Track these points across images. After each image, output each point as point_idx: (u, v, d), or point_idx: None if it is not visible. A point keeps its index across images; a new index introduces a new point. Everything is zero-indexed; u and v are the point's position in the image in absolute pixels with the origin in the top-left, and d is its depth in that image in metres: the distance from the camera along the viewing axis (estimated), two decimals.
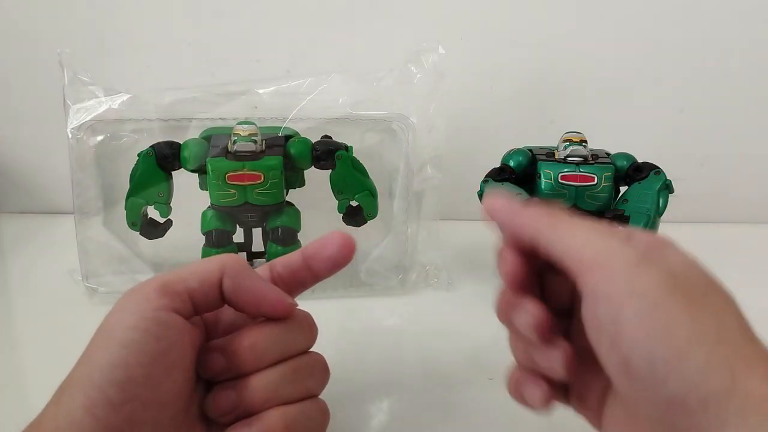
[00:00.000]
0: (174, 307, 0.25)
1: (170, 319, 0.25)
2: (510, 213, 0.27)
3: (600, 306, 0.22)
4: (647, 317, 0.21)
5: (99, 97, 0.47)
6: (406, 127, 0.50)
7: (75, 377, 0.24)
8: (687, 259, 0.24)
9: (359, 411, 0.36)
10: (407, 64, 0.51)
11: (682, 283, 0.22)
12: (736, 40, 0.63)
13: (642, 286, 0.21)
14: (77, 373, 0.24)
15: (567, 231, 0.25)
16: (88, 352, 0.24)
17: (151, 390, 0.24)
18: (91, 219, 0.49)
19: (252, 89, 0.49)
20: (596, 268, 0.23)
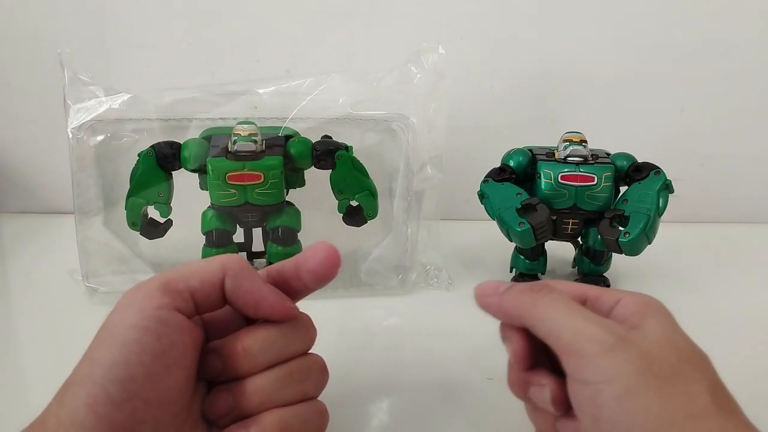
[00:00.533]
0: (176, 306, 0.25)
1: (172, 317, 0.25)
2: (495, 300, 0.29)
3: (579, 389, 0.24)
4: (621, 402, 0.23)
5: (99, 97, 0.47)
6: (406, 127, 0.50)
7: (77, 375, 0.24)
8: (666, 332, 0.25)
9: (359, 411, 0.36)
10: (407, 64, 0.51)
11: (656, 364, 0.23)
12: (736, 40, 0.63)
13: (615, 373, 0.23)
14: (80, 371, 0.24)
15: (546, 312, 0.26)
16: (91, 351, 0.24)
17: (153, 388, 0.24)
18: (91, 219, 0.49)
19: (252, 89, 0.49)
20: (573, 354, 0.24)
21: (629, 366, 0.23)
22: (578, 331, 0.25)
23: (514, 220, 0.47)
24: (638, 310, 0.26)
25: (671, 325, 0.25)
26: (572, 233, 0.51)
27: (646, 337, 0.24)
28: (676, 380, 0.23)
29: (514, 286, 0.28)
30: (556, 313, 0.26)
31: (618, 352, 0.23)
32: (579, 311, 0.26)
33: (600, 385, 0.23)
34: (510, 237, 0.48)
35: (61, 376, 0.25)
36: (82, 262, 0.49)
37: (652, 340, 0.24)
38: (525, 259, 0.52)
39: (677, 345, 0.24)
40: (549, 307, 0.26)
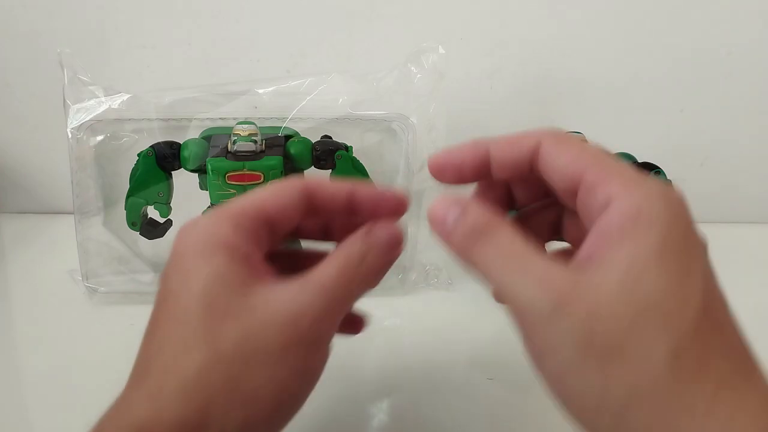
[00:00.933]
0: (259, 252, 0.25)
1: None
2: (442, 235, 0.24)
3: (525, 347, 0.22)
4: (559, 379, 0.21)
5: (99, 97, 0.47)
6: (406, 127, 0.50)
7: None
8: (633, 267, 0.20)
9: (359, 411, 0.36)
10: (407, 64, 0.51)
11: (599, 330, 0.19)
12: (736, 40, 0.63)
13: (553, 346, 0.20)
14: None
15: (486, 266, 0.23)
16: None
17: None
18: (91, 219, 0.49)
19: (252, 89, 0.49)
20: (515, 316, 0.22)
21: (568, 337, 0.20)
22: (516, 293, 0.21)
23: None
24: (621, 226, 0.20)
25: (649, 254, 0.20)
26: None
27: (599, 286, 0.20)
28: (624, 349, 0.19)
29: (462, 220, 0.23)
30: (495, 268, 0.22)
31: (556, 320, 0.20)
32: (518, 262, 0.21)
33: (541, 354, 0.21)
34: None
35: (61, 375, 0.25)
36: (82, 262, 0.49)
37: (605, 289, 0.19)
38: None
39: (640, 291, 0.19)
40: (488, 259, 0.22)
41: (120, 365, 0.26)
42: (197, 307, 0.22)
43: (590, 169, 0.22)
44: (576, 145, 0.24)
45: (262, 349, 0.22)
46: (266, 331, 0.22)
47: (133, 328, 0.26)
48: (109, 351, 0.41)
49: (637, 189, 0.21)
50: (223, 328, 0.22)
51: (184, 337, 0.22)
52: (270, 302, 0.23)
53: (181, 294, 0.23)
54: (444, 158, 0.26)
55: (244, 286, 0.23)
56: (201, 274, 0.23)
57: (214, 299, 0.22)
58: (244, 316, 0.22)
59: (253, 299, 0.23)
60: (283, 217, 0.26)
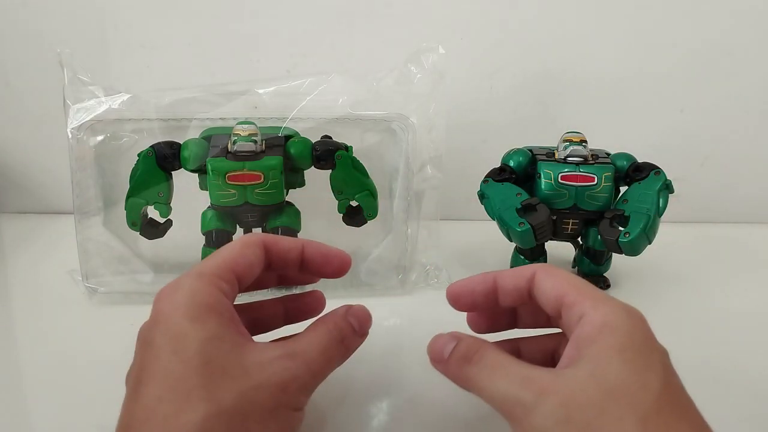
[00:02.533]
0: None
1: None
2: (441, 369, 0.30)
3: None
4: None
5: (99, 97, 0.47)
6: (406, 127, 0.50)
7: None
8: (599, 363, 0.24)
9: (359, 411, 0.36)
10: (407, 64, 0.51)
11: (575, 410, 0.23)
12: (736, 40, 0.63)
13: (538, 428, 0.23)
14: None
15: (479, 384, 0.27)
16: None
17: None
18: (91, 219, 0.49)
19: (252, 89, 0.49)
20: (508, 419, 0.25)
21: (549, 420, 0.23)
22: (503, 395, 0.25)
23: (514, 220, 0.47)
24: (590, 334, 0.25)
25: (612, 352, 0.24)
26: (572, 233, 0.51)
27: (573, 378, 0.24)
28: (598, 423, 0.23)
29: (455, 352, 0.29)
30: (486, 382, 0.26)
31: (539, 409, 0.24)
32: (504, 372, 0.26)
33: None
34: (510, 237, 0.48)
35: (61, 375, 0.25)
36: (82, 262, 0.49)
37: (578, 380, 0.24)
38: (525, 259, 0.52)
39: (607, 378, 0.24)
40: (479, 376, 0.27)
41: (120, 365, 0.26)
42: (196, 365, 0.24)
43: (569, 292, 0.28)
44: (561, 275, 0.29)
45: (257, 408, 0.24)
46: (259, 392, 0.25)
47: (133, 328, 0.26)
48: (109, 351, 0.41)
49: (604, 306, 0.26)
50: (223, 386, 0.24)
51: (185, 392, 0.23)
52: (263, 366, 0.25)
53: (176, 353, 0.24)
54: (459, 289, 0.33)
55: (236, 348, 0.25)
56: (196, 336, 0.25)
57: (212, 359, 0.24)
58: (240, 377, 0.25)
59: (246, 361, 0.25)
60: (249, 273, 0.29)
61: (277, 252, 0.30)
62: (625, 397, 0.23)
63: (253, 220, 0.49)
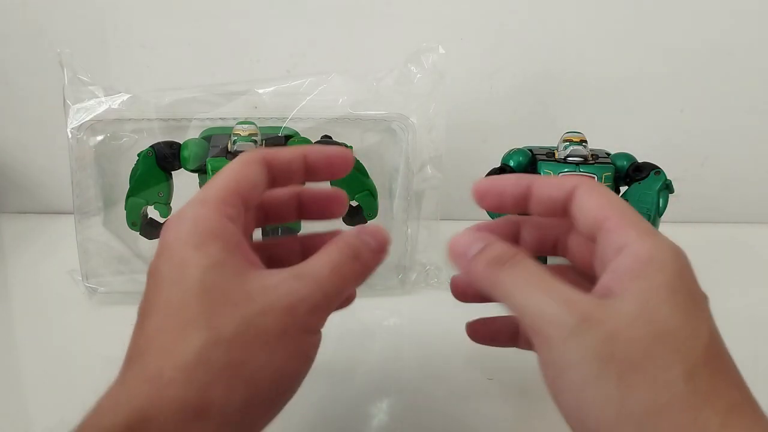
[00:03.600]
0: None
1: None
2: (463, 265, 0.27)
3: (544, 369, 0.23)
4: (579, 391, 0.21)
5: (99, 97, 0.47)
6: (406, 127, 0.50)
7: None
8: (648, 301, 0.22)
9: (359, 411, 0.36)
10: (407, 64, 0.51)
11: (620, 348, 0.21)
12: (736, 40, 0.63)
13: (574, 360, 0.22)
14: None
15: (510, 289, 0.24)
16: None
17: None
18: (91, 219, 0.49)
19: (252, 89, 0.49)
20: (536, 335, 0.23)
21: (589, 351, 0.21)
22: (540, 311, 0.23)
23: None
24: (636, 267, 0.23)
25: (662, 291, 0.22)
26: None
27: (619, 312, 0.22)
28: (642, 366, 0.21)
29: (484, 251, 0.26)
30: (519, 291, 0.24)
31: (579, 335, 0.21)
32: (543, 285, 0.24)
33: (560, 370, 0.22)
34: None
35: (61, 375, 0.25)
36: (82, 262, 0.49)
37: (625, 315, 0.22)
38: None
39: (656, 320, 0.21)
40: (512, 283, 0.24)
41: (120, 365, 0.26)
42: (197, 293, 0.23)
43: (612, 216, 0.25)
44: (606, 194, 0.26)
45: (261, 334, 0.23)
46: (265, 317, 0.23)
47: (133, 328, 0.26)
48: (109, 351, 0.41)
49: (649, 239, 0.24)
50: (223, 312, 0.23)
51: (184, 321, 0.22)
52: (268, 290, 0.24)
53: (177, 282, 0.23)
54: (488, 185, 0.28)
55: (239, 274, 0.24)
56: (198, 263, 0.23)
57: (213, 286, 0.23)
58: (242, 303, 0.23)
59: (249, 287, 0.24)
60: (254, 194, 0.27)
61: (279, 165, 0.28)
62: (674, 344, 0.21)
63: None
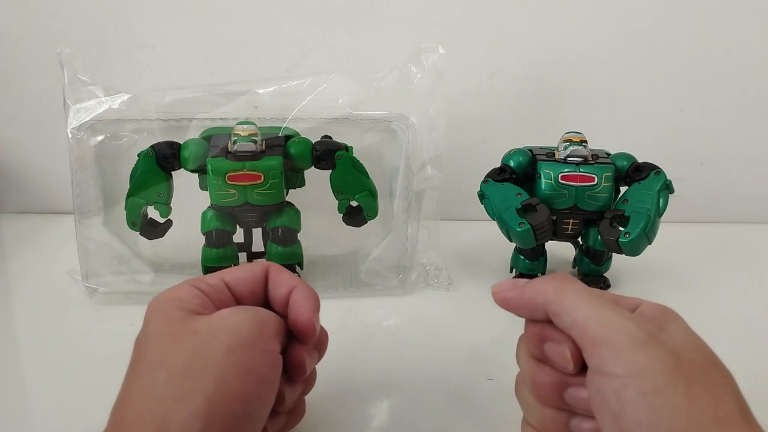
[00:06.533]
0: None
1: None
2: (515, 293, 0.28)
3: (605, 382, 0.23)
4: (648, 399, 0.22)
5: (99, 97, 0.47)
6: (406, 127, 0.50)
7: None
8: (690, 336, 0.24)
9: (359, 411, 0.36)
10: (407, 64, 0.51)
11: (683, 364, 0.23)
12: (736, 40, 0.63)
13: (644, 368, 0.23)
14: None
15: (571, 301, 0.25)
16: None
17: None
18: (91, 219, 0.49)
19: (252, 89, 0.49)
20: (600, 345, 0.24)
21: (659, 363, 0.22)
22: (608, 322, 0.24)
23: (514, 220, 0.47)
24: (658, 315, 0.26)
25: (692, 331, 0.25)
26: (572, 233, 0.51)
27: (673, 338, 0.24)
28: (703, 383, 0.22)
29: (534, 283, 0.28)
30: (583, 303, 0.25)
31: (648, 347, 0.23)
32: (606, 302, 0.25)
33: (627, 379, 0.23)
34: (510, 237, 0.48)
35: (61, 375, 0.25)
36: (82, 262, 0.49)
37: (679, 341, 0.24)
38: (525, 259, 0.52)
39: (702, 349, 0.24)
40: (574, 296, 0.26)
41: (120, 365, 0.26)
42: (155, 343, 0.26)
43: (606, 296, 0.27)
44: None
45: (209, 359, 0.24)
46: (210, 343, 0.25)
47: (133, 327, 0.26)
48: (109, 351, 0.41)
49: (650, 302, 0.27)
50: (172, 351, 0.25)
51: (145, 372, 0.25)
52: (212, 321, 0.26)
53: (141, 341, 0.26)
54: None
55: (187, 319, 0.26)
56: (154, 320, 0.27)
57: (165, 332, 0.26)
58: (188, 338, 0.25)
59: (195, 325, 0.26)
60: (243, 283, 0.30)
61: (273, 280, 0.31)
62: (720, 370, 0.24)
63: (253, 220, 0.49)
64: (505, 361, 0.31)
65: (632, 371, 0.23)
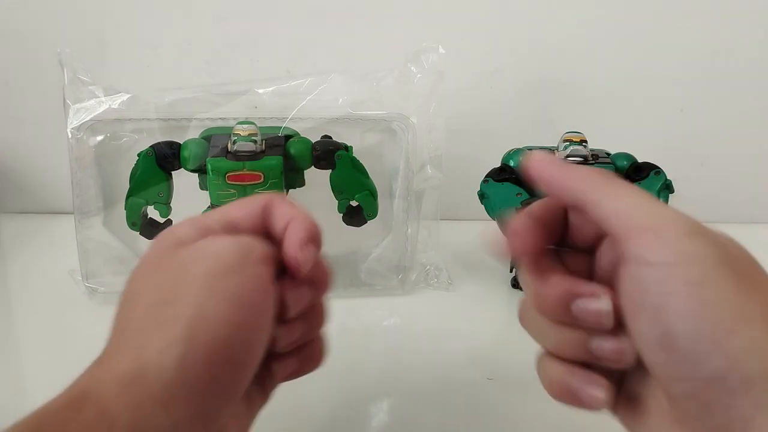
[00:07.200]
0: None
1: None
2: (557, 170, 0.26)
3: (647, 272, 0.21)
4: (696, 289, 0.20)
5: (99, 97, 0.47)
6: (406, 127, 0.50)
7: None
8: (735, 240, 0.23)
9: (359, 411, 0.36)
10: (407, 64, 0.51)
11: (732, 258, 0.21)
12: (736, 40, 0.63)
13: (694, 255, 0.21)
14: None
15: (615, 192, 0.23)
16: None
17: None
18: (91, 219, 0.49)
19: (252, 89, 0.49)
20: (647, 232, 0.22)
21: (710, 252, 0.21)
22: (655, 211, 0.22)
23: None
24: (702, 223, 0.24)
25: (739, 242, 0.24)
26: None
27: (721, 236, 0.23)
28: (752, 279, 0.21)
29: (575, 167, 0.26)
30: (627, 195, 0.23)
31: (698, 236, 0.21)
32: (651, 197, 0.23)
33: (675, 267, 0.21)
34: None
35: (61, 375, 0.25)
36: (82, 262, 0.49)
37: (728, 240, 0.23)
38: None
39: (751, 255, 0.23)
40: (618, 189, 0.24)
41: None
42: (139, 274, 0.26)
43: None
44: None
45: (188, 286, 0.24)
46: (188, 269, 0.24)
47: None
48: None
49: None
50: (156, 275, 0.25)
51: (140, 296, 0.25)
52: (193, 249, 0.25)
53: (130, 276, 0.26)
54: None
55: (172, 250, 0.26)
56: (145, 254, 0.26)
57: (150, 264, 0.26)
58: (169, 268, 0.25)
59: (177, 254, 0.25)
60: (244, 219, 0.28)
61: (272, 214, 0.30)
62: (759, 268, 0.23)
63: None
64: (505, 361, 0.31)
65: (681, 258, 0.21)
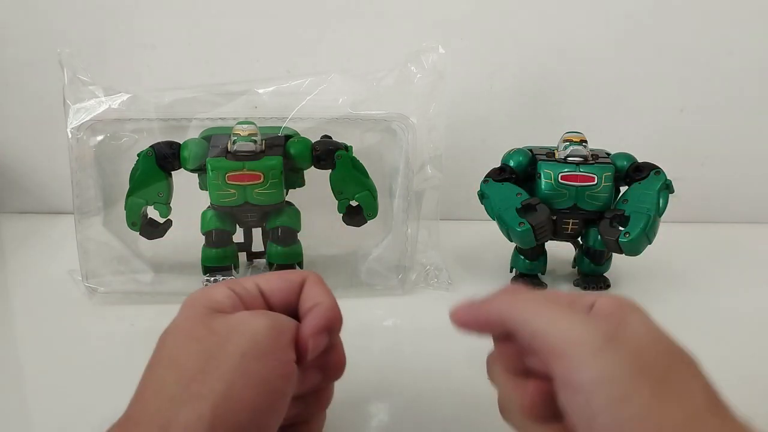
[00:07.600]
0: None
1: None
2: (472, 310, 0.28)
3: (571, 393, 0.23)
4: (617, 407, 0.22)
5: (99, 97, 0.47)
6: (406, 127, 0.50)
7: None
8: (650, 329, 0.24)
9: (359, 411, 0.36)
10: (407, 64, 0.51)
11: (647, 364, 0.22)
12: (736, 40, 0.63)
13: (609, 374, 0.22)
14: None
15: (527, 313, 0.25)
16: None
17: None
18: (91, 219, 0.49)
19: (252, 89, 0.49)
20: (563, 356, 0.23)
21: (622, 367, 0.22)
22: (564, 331, 0.23)
23: (514, 220, 0.47)
24: (615, 309, 0.25)
25: (653, 323, 0.24)
26: (572, 233, 0.51)
27: (634, 334, 0.23)
28: (670, 381, 0.22)
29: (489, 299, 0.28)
30: (538, 313, 0.25)
31: (608, 352, 0.22)
32: (561, 309, 0.25)
33: (593, 389, 0.22)
34: (510, 237, 0.48)
35: (61, 375, 0.25)
36: (82, 262, 0.49)
37: (640, 337, 0.23)
38: (525, 259, 0.52)
39: (665, 343, 0.24)
40: (529, 307, 0.25)
41: (120, 365, 0.26)
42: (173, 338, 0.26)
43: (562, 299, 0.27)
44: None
45: (221, 363, 0.24)
46: (224, 346, 0.25)
47: (133, 328, 0.26)
48: (109, 351, 0.41)
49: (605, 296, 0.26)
50: (191, 344, 0.25)
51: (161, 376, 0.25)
52: (230, 322, 0.26)
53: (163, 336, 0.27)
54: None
55: (208, 318, 0.26)
56: (180, 316, 0.27)
57: (185, 329, 0.26)
58: (205, 338, 0.25)
59: (213, 324, 0.26)
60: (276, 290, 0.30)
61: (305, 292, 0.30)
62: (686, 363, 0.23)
63: (253, 220, 0.49)
64: None
65: (597, 378, 0.22)
